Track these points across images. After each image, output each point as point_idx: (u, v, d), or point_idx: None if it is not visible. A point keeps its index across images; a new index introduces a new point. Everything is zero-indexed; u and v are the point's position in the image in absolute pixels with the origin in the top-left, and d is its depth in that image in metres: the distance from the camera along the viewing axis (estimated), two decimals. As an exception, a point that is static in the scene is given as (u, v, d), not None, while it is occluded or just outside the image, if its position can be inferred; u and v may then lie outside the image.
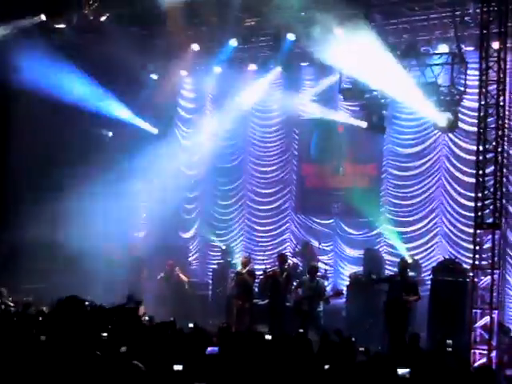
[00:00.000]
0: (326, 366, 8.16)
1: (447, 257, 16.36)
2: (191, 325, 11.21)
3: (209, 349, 8.34)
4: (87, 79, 18.29)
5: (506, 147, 14.09)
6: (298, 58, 18.94)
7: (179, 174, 21.43)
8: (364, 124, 16.82)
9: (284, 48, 18.12)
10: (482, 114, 13.61)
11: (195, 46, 18.75)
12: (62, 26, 17.49)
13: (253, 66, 19.49)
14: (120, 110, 19.89)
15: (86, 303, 11.21)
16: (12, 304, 13.87)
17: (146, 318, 12.86)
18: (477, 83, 13.98)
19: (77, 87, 18.18)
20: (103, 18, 17.47)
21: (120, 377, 5.97)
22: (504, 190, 13.98)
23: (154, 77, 20.38)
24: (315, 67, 19.13)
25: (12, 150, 18.42)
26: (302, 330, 12.07)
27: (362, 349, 9.70)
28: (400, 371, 7.50)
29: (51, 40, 17.70)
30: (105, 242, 18.90)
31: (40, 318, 10.20)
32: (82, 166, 18.14)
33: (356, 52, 15.27)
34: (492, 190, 13.46)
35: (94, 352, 6.73)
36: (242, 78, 19.87)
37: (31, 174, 18.43)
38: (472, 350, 13.34)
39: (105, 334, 8.95)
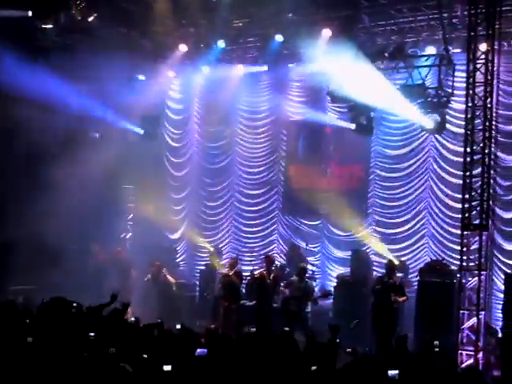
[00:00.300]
0: (313, 367, 8.16)
1: (434, 258, 16.41)
2: (178, 326, 11.21)
3: (198, 350, 8.32)
4: (73, 79, 18.19)
5: (493, 149, 14.15)
6: (285, 59, 18.93)
7: (166, 174, 21.44)
8: (352, 126, 16.84)
9: (272, 49, 18.13)
10: (469, 115, 13.66)
11: (183, 47, 18.72)
12: (49, 26, 17.37)
13: (241, 67, 19.48)
14: (107, 111, 19.83)
15: (74, 305, 11.16)
16: None
17: (133, 318, 12.82)
18: (464, 85, 14.02)
19: (63, 88, 18.09)
20: (91, 19, 17.39)
21: (107, 378, 5.94)
22: (491, 191, 14.04)
23: (142, 77, 20.32)
24: (303, 68, 19.16)
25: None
26: (287, 329, 12.06)
27: (349, 349, 9.70)
28: (390, 372, 7.51)
29: (37, 40, 17.65)
30: (92, 242, 18.91)
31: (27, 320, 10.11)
32: (69, 166, 18.01)
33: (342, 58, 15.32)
34: (479, 191, 13.50)
35: (81, 353, 6.70)
36: (230, 79, 19.88)
37: (17, 173, 18.28)
38: (459, 351, 13.38)
39: (92, 334, 8.91)
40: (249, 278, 16.85)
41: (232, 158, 20.65)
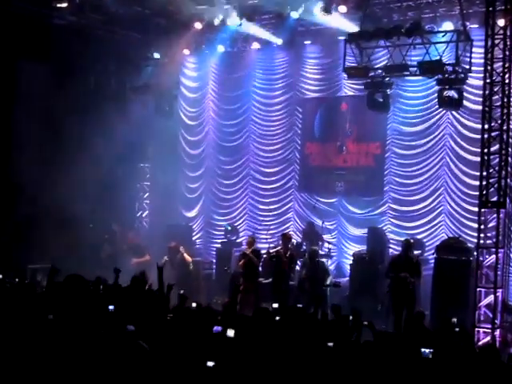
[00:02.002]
0: (330, 344, 8.19)
1: (451, 236, 16.34)
2: (194, 304, 11.26)
3: (215, 327, 8.37)
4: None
5: (511, 126, 14.02)
6: (301, 36, 18.86)
7: (182, 153, 21.47)
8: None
9: (287, 26, 18.05)
10: (487, 92, 13.57)
11: (198, 25, 18.65)
12: (63, 5, 17.35)
13: (256, 45, 19.41)
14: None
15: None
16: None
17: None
18: (482, 61, 13.92)
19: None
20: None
21: (123, 356, 5.95)
22: (509, 169, 13.95)
23: (157, 56, 20.28)
24: (319, 45, 19.08)
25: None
26: (300, 305, 12.16)
27: (365, 323, 9.68)
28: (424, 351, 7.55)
29: (52, 19, 17.67)
30: (114, 223, 19.07)
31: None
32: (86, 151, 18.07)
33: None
34: (497, 168, 13.45)
35: (98, 330, 6.74)
36: (245, 57, 19.82)
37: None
38: (476, 329, 13.40)
39: (111, 308, 8.99)
40: (265, 255, 16.87)
41: (248, 135, 20.61)
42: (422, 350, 7.65)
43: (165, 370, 6.02)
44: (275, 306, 12.00)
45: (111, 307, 9.13)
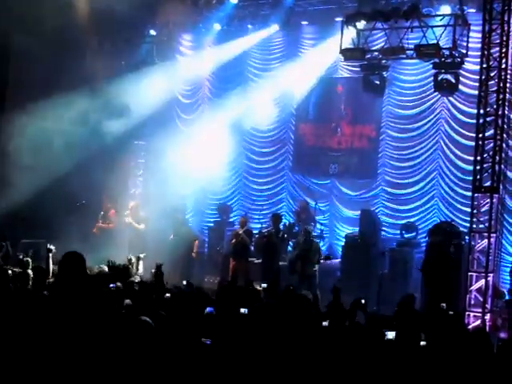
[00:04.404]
0: (325, 323, 8.23)
1: (443, 220, 16.41)
2: (185, 282, 11.35)
3: (207, 309, 8.37)
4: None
5: (506, 111, 14.06)
6: (298, 17, 18.77)
7: (177, 131, 21.39)
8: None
9: (285, 6, 17.97)
10: (483, 76, 13.57)
11: (194, 2, 18.53)
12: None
13: (253, 24, 19.32)
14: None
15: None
16: None
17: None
18: (479, 46, 13.91)
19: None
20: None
21: (129, 331, 5.93)
22: (503, 155, 13.99)
23: (153, 33, 20.19)
24: (315, 26, 19.01)
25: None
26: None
27: (363, 301, 9.67)
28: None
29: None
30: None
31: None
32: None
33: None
34: (491, 153, 13.48)
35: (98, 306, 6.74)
36: (242, 36, 19.74)
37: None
38: (466, 313, 13.48)
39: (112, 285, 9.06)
40: (257, 236, 16.93)
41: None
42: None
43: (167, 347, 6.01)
44: (264, 285, 12.04)
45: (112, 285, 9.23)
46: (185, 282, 11.57)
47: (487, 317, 13.41)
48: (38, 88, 17.86)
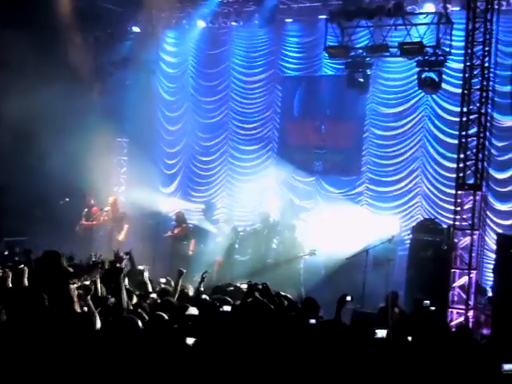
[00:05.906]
0: (312, 321, 8.22)
1: (427, 217, 16.46)
2: (163, 280, 11.16)
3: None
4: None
5: (489, 109, 14.13)
6: (282, 14, 18.75)
7: (160, 128, 21.33)
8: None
9: (269, 3, 17.95)
10: (466, 75, 13.63)
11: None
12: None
13: (237, 21, 19.29)
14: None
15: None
16: None
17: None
18: (462, 44, 13.96)
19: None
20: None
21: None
22: (486, 152, 14.06)
23: (137, 29, 20.12)
24: (300, 24, 19.01)
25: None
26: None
27: (348, 298, 9.51)
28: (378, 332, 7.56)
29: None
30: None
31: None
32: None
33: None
34: (474, 151, 13.54)
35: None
36: (226, 33, 19.71)
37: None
38: (449, 309, 13.54)
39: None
40: (242, 233, 16.93)
41: (227, 113, 20.51)
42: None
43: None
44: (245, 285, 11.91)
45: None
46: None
47: (470, 313, 13.47)
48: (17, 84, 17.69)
